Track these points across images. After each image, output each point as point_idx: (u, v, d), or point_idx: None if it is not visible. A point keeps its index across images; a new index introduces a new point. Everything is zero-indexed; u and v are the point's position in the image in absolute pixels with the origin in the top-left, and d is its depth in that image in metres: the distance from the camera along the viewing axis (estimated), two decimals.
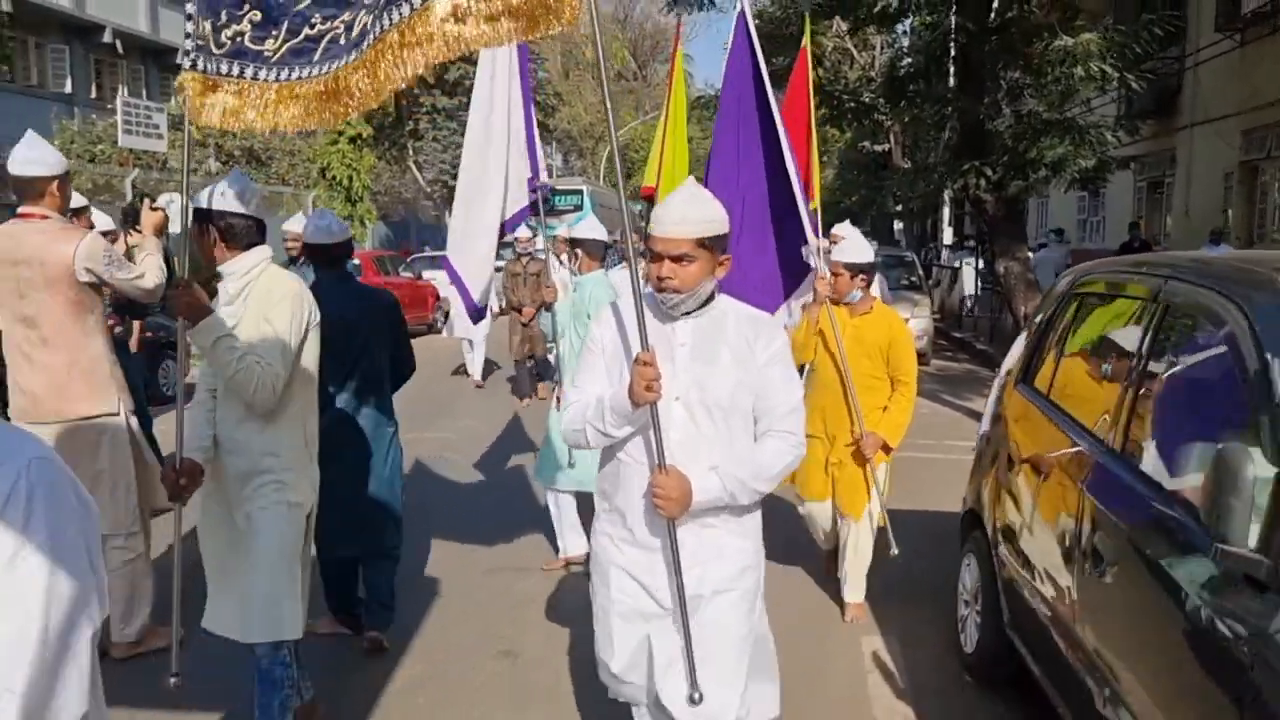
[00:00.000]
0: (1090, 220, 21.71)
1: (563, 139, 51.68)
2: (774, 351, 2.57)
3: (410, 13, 2.58)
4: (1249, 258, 3.15)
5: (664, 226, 2.48)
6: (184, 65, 3.06)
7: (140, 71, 28.95)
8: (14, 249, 4.05)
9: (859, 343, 4.61)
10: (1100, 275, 3.57)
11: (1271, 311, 2.25)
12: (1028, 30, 11.59)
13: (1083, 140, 11.79)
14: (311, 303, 3.38)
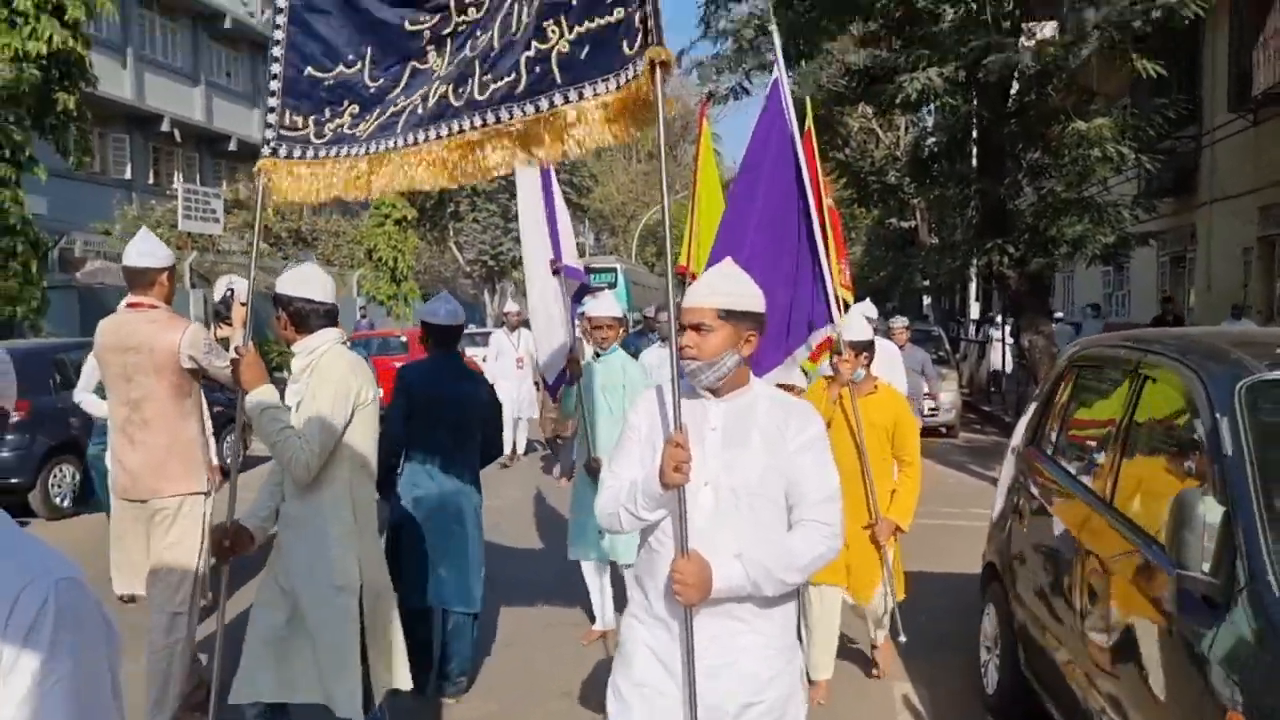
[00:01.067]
0: (1116, 294, 22.07)
1: (595, 218, 52.79)
2: (807, 438, 2.50)
3: (535, 114, 2.83)
4: (1219, 334, 3.60)
5: (690, 298, 2.53)
6: (264, 153, 3.35)
7: (195, 158, 30.31)
8: (126, 337, 4.32)
9: (865, 424, 4.51)
10: (1094, 350, 4.07)
11: (1222, 380, 2.72)
12: (1045, 113, 12.14)
13: (1102, 218, 12.25)
14: (364, 383, 3.45)
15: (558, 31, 2.78)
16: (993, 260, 12.53)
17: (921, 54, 11.00)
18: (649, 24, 2.58)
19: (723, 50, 13.74)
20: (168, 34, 28.69)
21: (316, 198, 3.30)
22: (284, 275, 3.54)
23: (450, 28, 3.16)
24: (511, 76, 2.87)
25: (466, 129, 2.96)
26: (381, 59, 3.32)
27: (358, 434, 3.42)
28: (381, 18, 3.29)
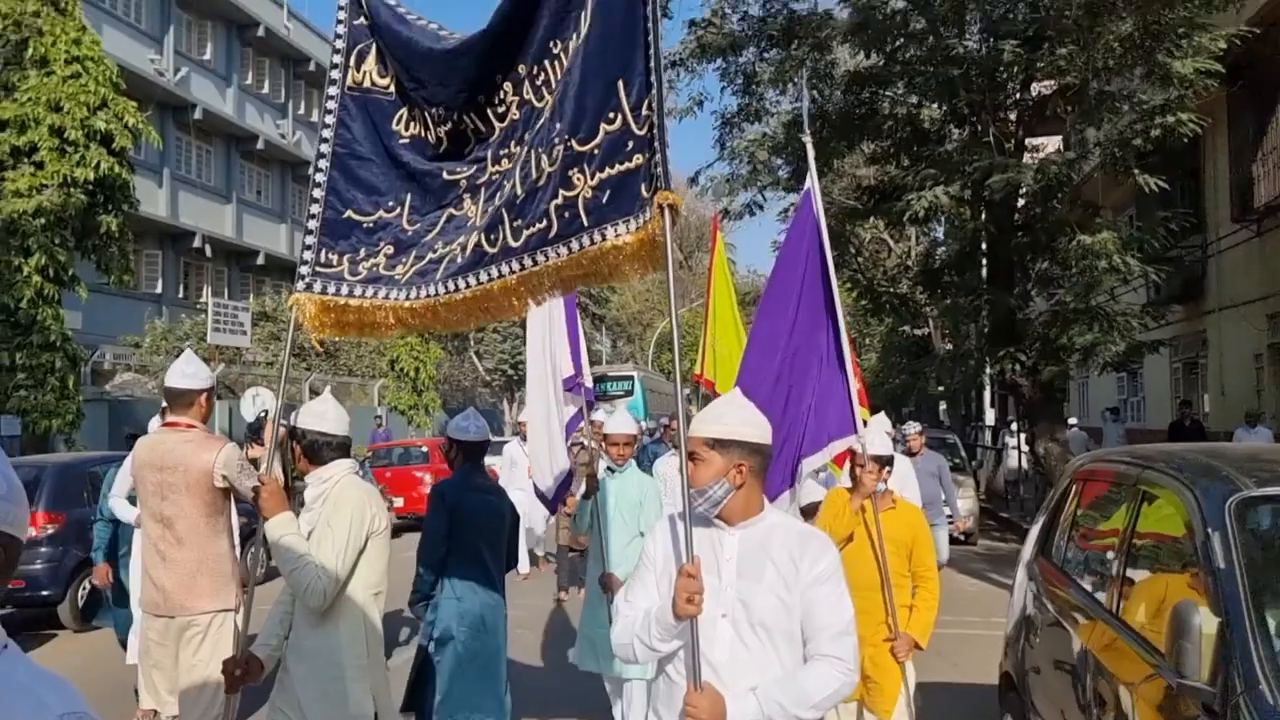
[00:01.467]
0: (1131, 400, 22.16)
1: (612, 326, 53.49)
2: (821, 570, 2.46)
3: (566, 256, 2.99)
4: (1216, 450, 3.78)
5: (690, 428, 2.58)
6: (299, 287, 3.45)
7: (224, 272, 31.13)
8: (162, 456, 4.39)
9: (885, 539, 4.42)
10: (1097, 465, 4.24)
11: (1214, 495, 2.89)
12: (1052, 226, 12.50)
13: (1111, 327, 12.46)
14: (376, 512, 3.52)
15: (582, 179, 2.95)
16: (1005, 368, 12.73)
17: (928, 173, 11.43)
18: (657, 169, 2.76)
19: (737, 170, 14.25)
20: (203, 155, 29.83)
21: (355, 334, 3.46)
22: (302, 409, 3.65)
23: (485, 177, 3.36)
24: (543, 223, 3.03)
25: (506, 274, 3.11)
26: (421, 206, 3.48)
27: (371, 563, 3.49)
28: (422, 169, 3.48)
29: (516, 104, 3.33)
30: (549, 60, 3.20)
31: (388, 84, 3.59)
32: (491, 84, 3.34)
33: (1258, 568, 2.68)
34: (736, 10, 13.60)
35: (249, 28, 31.27)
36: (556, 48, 3.18)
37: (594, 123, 2.94)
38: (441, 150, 3.51)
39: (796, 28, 13.13)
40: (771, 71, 13.35)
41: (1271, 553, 2.91)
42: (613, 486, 5.53)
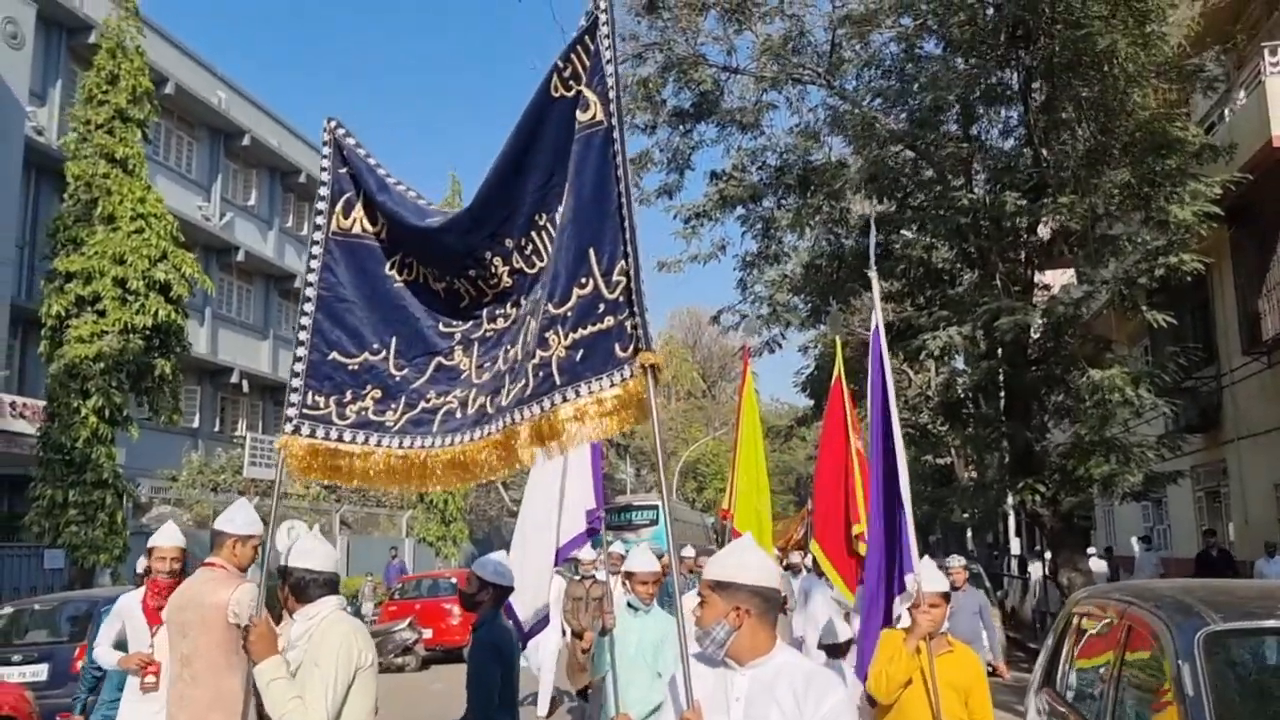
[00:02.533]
0: (1156, 528, 22.12)
1: (635, 454, 53.73)
2: (827, 710, 2.48)
3: (540, 414, 3.07)
4: (1194, 586, 4.13)
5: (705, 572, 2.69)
6: (286, 430, 3.49)
7: (259, 406, 31.89)
8: (185, 596, 4.51)
9: (951, 685, 4.13)
10: (1087, 602, 4.59)
11: (1186, 629, 3.26)
12: (1064, 361, 12.92)
13: (1128, 459, 12.70)
14: (363, 648, 3.50)
15: (556, 340, 3.08)
16: (1025, 499, 12.96)
17: (941, 315, 11.96)
18: (638, 331, 2.91)
19: (757, 311, 14.87)
20: (243, 294, 31.03)
21: (345, 480, 3.48)
22: (290, 546, 3.60)
23: (480, 333, 3.49)
24: (522, 382, 3.17)
25: (492, 431, 3.23)
26: (407, 350, 3.56)
27: (359, 697, 3.46)
28: (417, 313, 3.58)
29: (508, 273, 3.45)
30: (535, 232, 3.36)
31: (378, 230, 3.67)
32: (480, 259, 3.45)
33: (1223, 695, 3.03)
34: (755, 162, 14.48)
35: (291, 174, 32.94)
36: (542, 220, 3.35)
37: (568, 287, 3.08)
38: (439, 303, 3.60)
39: (812, 177, 13.95)
40: (790, 217, 14.10)
41: (1236, 681, 3.25)
42: (635, 625, 5.37)
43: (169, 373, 13.64)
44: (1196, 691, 3.02)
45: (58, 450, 12.65)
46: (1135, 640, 3.73)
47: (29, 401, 16.85)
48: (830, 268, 14.53)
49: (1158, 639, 3.41)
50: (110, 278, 12.85)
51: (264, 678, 3.34)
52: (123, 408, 13.09)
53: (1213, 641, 3.18)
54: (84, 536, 12.31)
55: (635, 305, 2.95)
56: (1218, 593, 3.84)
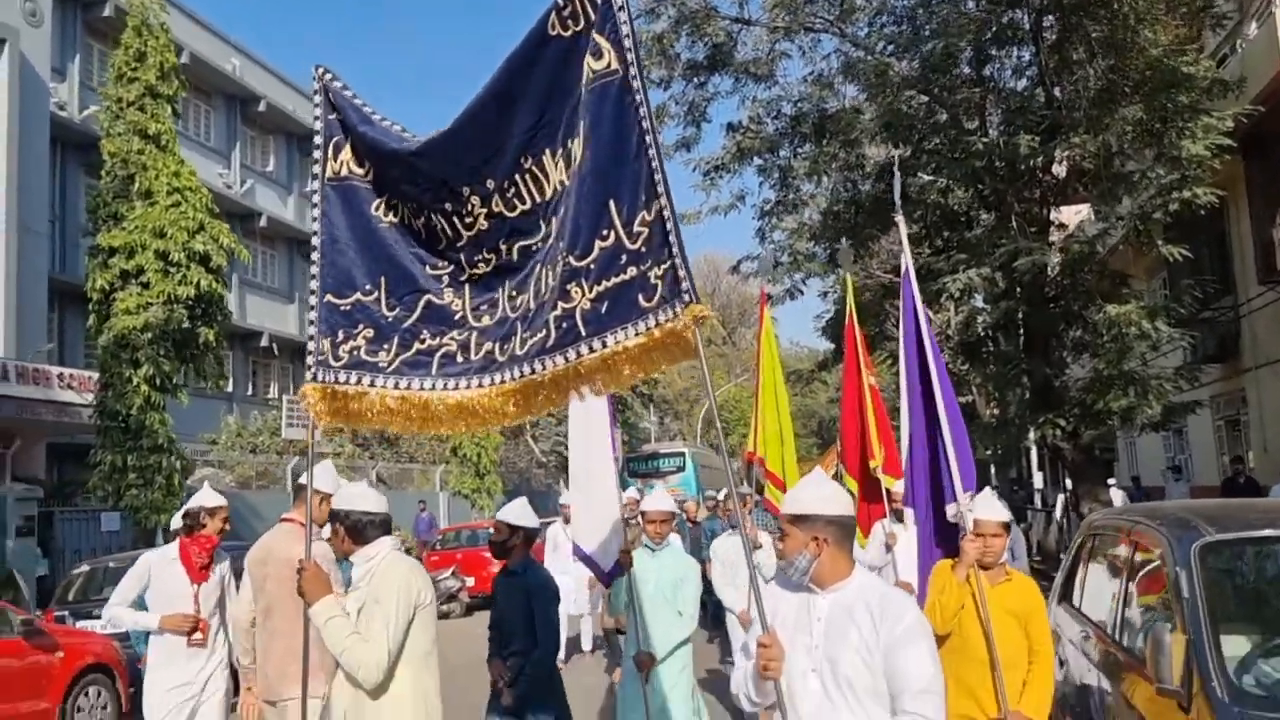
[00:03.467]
0: (1178, 458, 22.44)
1: (659, 403, 54.15)
2: (902, 630, 2.60)
3: (564, 364, 3.10)
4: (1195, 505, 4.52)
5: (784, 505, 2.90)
6: (307, 378, 3.61)
7: (289, 369, 32.48)
8: (264, 551, 4.72)
9: (1006, 611, 4.14)
10: (1100, 522, 5.00)
11: (1185, 541, 3.66)
12: (1082, 297, 13.15)
13: (1146, 391, 12.97)
14: (422, 586, 3.61)
15: (580, 292, 3.09)
16: (1046, 434, 13.29)
17: (959, 258, 12.23)
18: (666, 280, 2.93)
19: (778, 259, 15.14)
20: (267, 259, 31.50)
21: (343, 422, 3.54)
22: (339, 493, 3.74)
23: (465, 275, 3.52)
24: (543, 333, 3.18)
25: (508, 380, 3.26)
26: (395, 289, 3.58)
27: (419, 634, 3.57)
28: (402, 253, 3.61)
29: (485, 215, 3.42)
30: (519, 175, 3.33)
31: (365, 173, 3.69)
32: (456, 193, 3.44)
33: (1216, 597, 3.45)
34: (770, 112, 14.67)
35: (306, 139, 33.19)
36: (528, 162, 3.31)
37: (589, 240, 3.09)
38: (421, 241, 3.62)
39: (827, 125, 14.13)
40: (807, 166, 14.32)
41: (1229, 585, 3.67)
42: (652, 565, 5.42)
43: (213, 340, 14.13)
44: (1192, 594, 3.44)
45: (114, 417, 13.23)
46: (1141, 553, 4.15)
47: (75, 372, 17.42)
48: (848, 213, 14.77)
49: (1160, 551, 3.83)
50: (152, 251, 13.31)
51: (320, 617, 3.44)
52: (171, 376, 13.63)
53: (1207, 550, 3.60)
54: (144, 499, 12.93)
55: (671, 254, 2.94)
56: (1216, 510, 4.25)
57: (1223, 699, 3.13)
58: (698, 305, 2.90)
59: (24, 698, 7.55)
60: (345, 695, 3.51)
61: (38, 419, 16.75)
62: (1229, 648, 3.33)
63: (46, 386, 16.94)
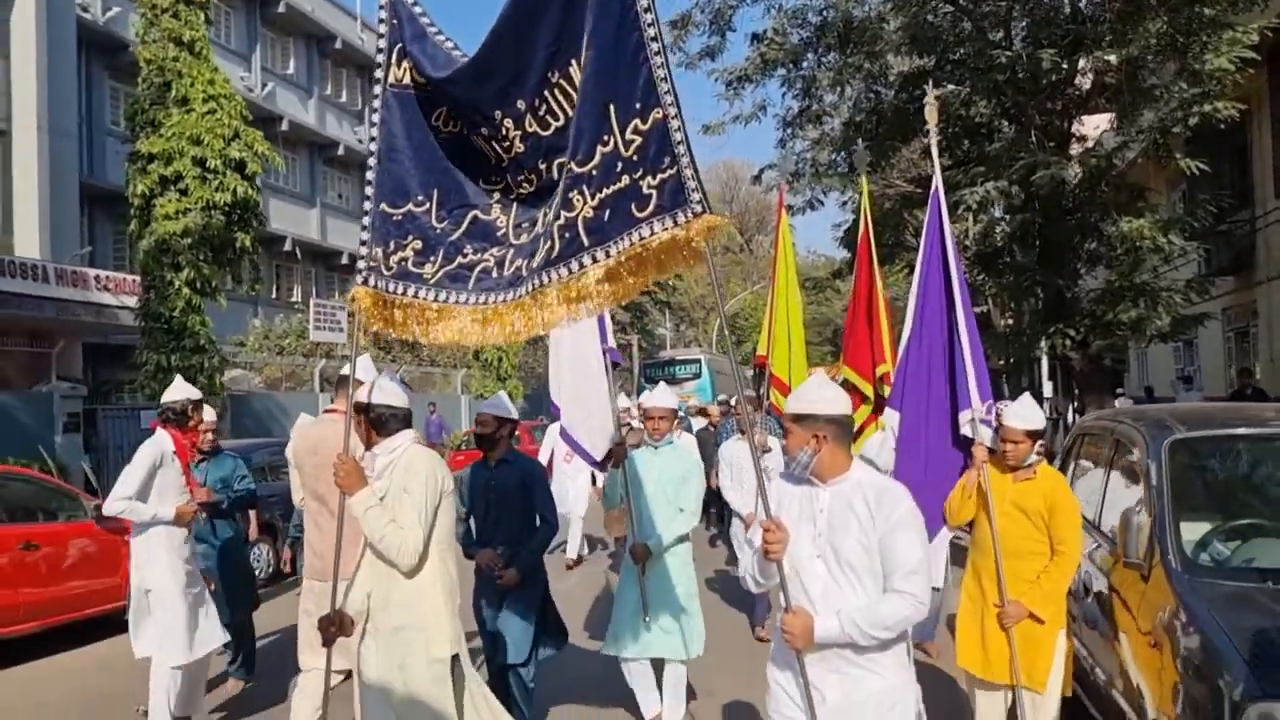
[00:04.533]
0: (1187, 369, 22.82)
1: (675, 309, 54.47)
2: (895, 519, 2.88)
3: (568, 276, 3.09)
4: (1173, 409, 4.97)
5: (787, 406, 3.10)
6: (357, 281, 3.64)
7: (312, 273, 32.99)
8: (315, 441, 4.86)
9: (1020, 509, 4.30)
10: (1089, 424, 5.48)
11: (1158, 438, 4.13)
12: (1098, 209, 13.38)
13: (1156, 302, 13.29)
14: (444, 475, 3.79)
15: (582, 200, 3.06)
16: (1056, 344, 13.67)
17: (978, 170, 12.45)
18: (687, 194, 2.87)
19: (801, 170, 15.33)
20: (290, 163, 31.69)
21: (393, 330, 3.60)
22: (362, 388, 3.88)
23: (512, 196, 3.56)
24: (548, 245, 3.18)
25: (523, 294, 3.28)
26: (447, 201, 3.59)
27: (443, 520, 3.79)
28: (457, 165, 3.62)
29: (520, 137, 3.41)
30: (548, 90, 3.27)
31: (425, 81, 3.62)
32: (489, 118, 3.44)
33: (1179, 483, 3.95)
34: (794, 21, 14.69)
35: (327, 41, 33.04)
36: (555, 76, 3.25)
37: (591, 145, 3.04)
38: (475, 159, 3.62)
39: (852, 34, 14.17)
40: (831, 76, 14.40)
41: (1191, 476, 4.16)
42: (655, 462, 5.41)
43: (249, 246, 14.57)
44: (1159, 482, 3.95)
45: (157, 319, 13.79)
46: (1121, 450, 4.65)
47: (111, 274, 17.95)
48: (870, 124, 14.90)
49: (1136, 446, 4.31)
50: (189, 158, 13.65)
51: (359, 507, 3.63)
52: (211, 279, 14.12)
53: (1176, 445, 4.08)
54: None
55: (674, 163, 2.89)
56: (1193, 412, 4.72)
57: (1176, 569, 3.67)
58: (710, 215, 2.88)
59: (100, 575, 8.26)
60: (374, 577, 3.74)
61: (76, 320, 17.36)
62: (1188, 531, 3.85)
63: (84, 288, 17.52)
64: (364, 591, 3.76)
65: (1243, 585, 3.58)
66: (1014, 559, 4.21)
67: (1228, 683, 3.07)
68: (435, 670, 3.68)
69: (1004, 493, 4.32)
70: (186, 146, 13.61)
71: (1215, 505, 4.19)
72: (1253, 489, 4.38)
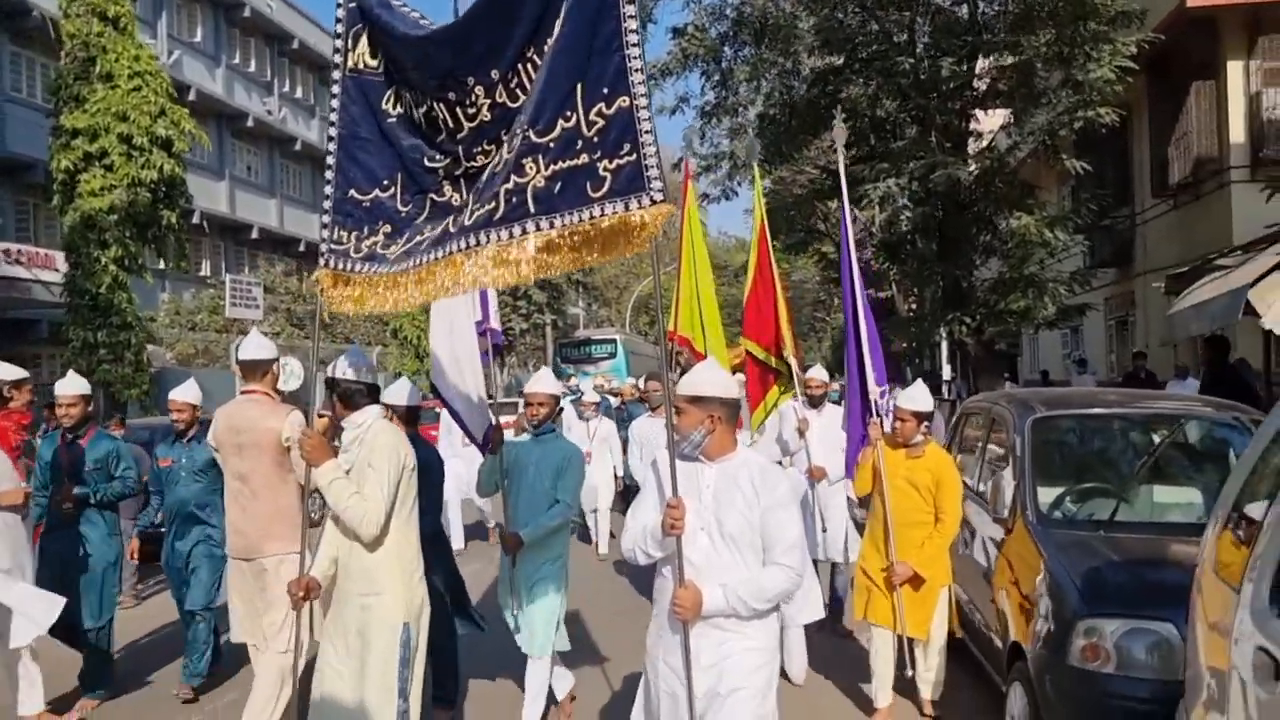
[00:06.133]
0: (1074, 353, 24.38)
1: (589, 289, 54.79)
2: (775, 497, 3.09)
3: (508, 239, 3.13)
4: (1040, 392, 5.79)
5: (678, 388, 3.24)
6: (321, 264, 3.70)
7: (220, 247, 32.38)
8: (238, 421, 4.93)
9: (909, 482, 4.93)
10: (970, 405, 6.32)
11: (1024, 415, 4.95)
12: (992, 205, 14.41)
13: (1042, 293, 14.40)
14: (406, 451, 3.91)
15: (535, 168, 3.11)
16: (953, 330, 14.69)
17: (881, 167, 13.32)
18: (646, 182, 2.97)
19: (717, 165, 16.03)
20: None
21: (357, 310, 3.70)
22: (334, 362, 3.98)
23: (461, 169, 3.53)
24: (492, 204, 3.20)
25: (454, 251, 3.28)
26: (410, 185, 3.65)
27: (405, 492, 3.93)
28: (406, 147, 3.65)
29: (488, 106, 3.41)
30: (522, 64, 3.30)
31: (377, 65, 3.68)
32: (461, 83, 3.42)
33: (1039, 454, 4.77)
34: (712, 16, 15.32)
35: (235, 8, 32.37)
36: (530, 51, 3.28)
37: (553, 118, 3.11)
38: (421, 133, 3.63)
39: (768, 31, 14.86)
40: (747, 70, 15.10)
41: (1052, 447, 5.00)
42: (534, 450, 5.11)
43: (174, 223, 14.63)
44: (1023, 453, 4.76)
45: (82, 295, 13.79)
46: (995, 427, 5.46)
47: (25, 248, 17.67)
48: (784, 116, 15.65)
49: (1006, 424, 5.11)
50: (115, 134, 13.65)
51: (324, 479, 3.73)
52: (137, 256, 14.16)
53: (1038, 422, 4.90)
54: (116, 374, 13.60)
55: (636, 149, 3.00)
56: (1055, 396, 5.56)
57: (1034, 522, 4.49)
58: (667, 204, 2.96)
59: None
60: (338, 547, 3.88)
61: None
62: (1044, 494, 4.68)
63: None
64: (329, 559, 3.91)
65: (1082, 534, 4.41)
66: (905, 528, 4.87)
67: (1066, 605, 3.87)
68: (388, 637, 3.83)
69: (897, 469, 4.96)
70: (113, 123, 13.61)
71: (1068, 472, 5.08)
72: (1097, 458, 5.30)
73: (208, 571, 5.73)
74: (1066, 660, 3.74)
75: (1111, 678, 3.64)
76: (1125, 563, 4.05)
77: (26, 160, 20.90)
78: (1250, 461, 2.84)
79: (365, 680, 3.80)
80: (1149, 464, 4.95)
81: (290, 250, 34.01)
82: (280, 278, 27.43)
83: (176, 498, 5.83)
